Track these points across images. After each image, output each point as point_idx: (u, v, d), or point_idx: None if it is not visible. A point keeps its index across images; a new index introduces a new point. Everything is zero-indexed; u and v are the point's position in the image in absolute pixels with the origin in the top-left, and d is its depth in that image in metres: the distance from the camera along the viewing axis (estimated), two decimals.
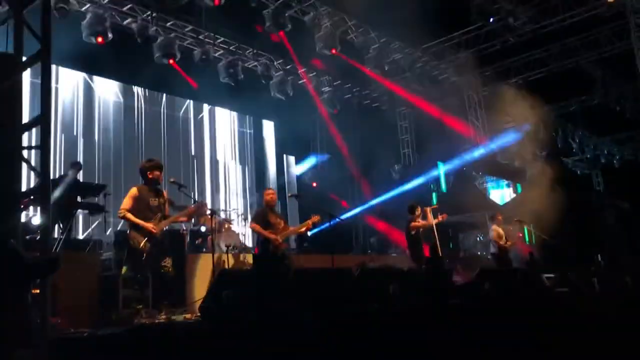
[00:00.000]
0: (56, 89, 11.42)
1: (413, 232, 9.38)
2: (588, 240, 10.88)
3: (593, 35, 14.85)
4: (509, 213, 12.34)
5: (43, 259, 4.78)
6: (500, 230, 11.18)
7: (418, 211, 9.52)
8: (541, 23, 13.96)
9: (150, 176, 6.43)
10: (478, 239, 14.61)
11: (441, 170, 16.46)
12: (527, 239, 13.06)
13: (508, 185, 18.18)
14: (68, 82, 11.88)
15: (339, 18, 13.18)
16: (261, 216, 7.79)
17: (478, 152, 15.99)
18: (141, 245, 6.04)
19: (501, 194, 17.98)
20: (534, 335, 5.82)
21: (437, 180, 16.25)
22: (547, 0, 13.64)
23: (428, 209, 9.69)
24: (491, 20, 12.82)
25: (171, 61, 11.85)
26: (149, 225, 6.12)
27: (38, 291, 4.70)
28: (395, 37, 14.52)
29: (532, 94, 14.23)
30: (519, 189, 17.94)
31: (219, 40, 13.07)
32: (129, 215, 6.14)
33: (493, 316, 5.93)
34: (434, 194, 15.81)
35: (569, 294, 7.85)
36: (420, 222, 9.44)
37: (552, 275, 8.43)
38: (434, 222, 9.50)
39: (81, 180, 9.33)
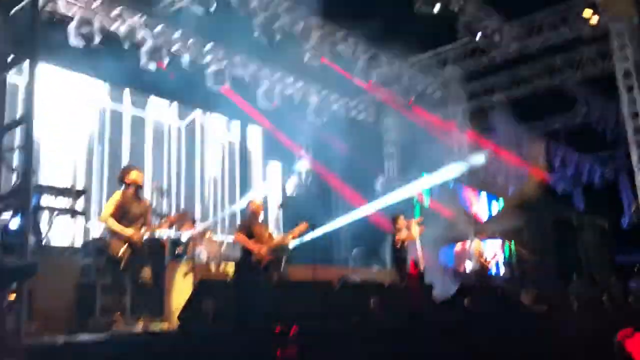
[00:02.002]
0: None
1: (398, 246, 9.35)
2: (567, 258, 11.00)
3: (577, 55, 15.08)
4: (491, 229, 12.44)
5: (20, 263, 4.71)
6: (481, 246, 11.24)
7: (400, 222, 9.46)
8: (527, 41, 14.15)
9: (127, 181, 6.35)
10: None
11: (425, 183, 16.52)
12: (507, 255, 13.15)
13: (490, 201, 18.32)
14: (51, 82, 11.73)
15: (328, 29, 13.24)
16: (246, 226, 7.73)
17: (462, 166, 16.10)
18: (120, 252, 5.97)
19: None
20: (513, 352, 5.85)
21: (420, 193, 16.29)
22: (533, 19, 13.85)
23: (412, 222, 9.66)
24: (478, 36, 12.95)
25: (160, 64, 11.79)
26: (130, 232, 6.04)
27: (14, 297, 4.63)
28: (383, 50, 14.63)
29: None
30: (501, 205, 18.08)
31: (207, 47, 13.05)
32: (110, 222, 6.07)
33: (472, 332, 5.95)
34: (417, 207, 15.86)
35: (546, 312, 7.91)
36: (404, 235, 9.40)
37: (530, 292, 8.49)
38: (418, 235, 9.49)
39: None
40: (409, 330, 5.66)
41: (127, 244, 6.03)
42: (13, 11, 5.43)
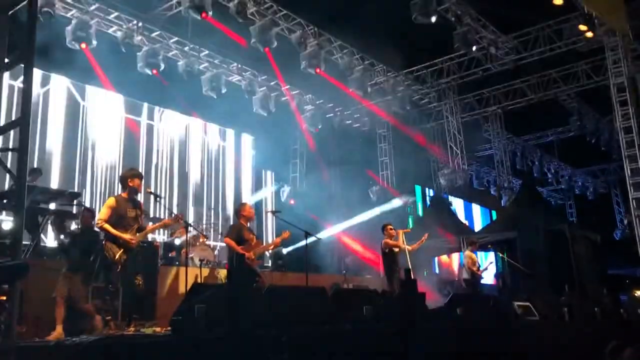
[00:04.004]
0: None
1: (386, 250, 9.31)
2: (559, 269, 11.03)
3: (571, 68, 15.22)
4: (484, 239, 12.46)
5: (10, 264, 4.68)
6: (474, 257, 11.25)
7: (389, 230, 9.42)
8: (522, 54, 14.26)
9: (130, 184, 6.33)
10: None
11: (418, 193, 16.57)
12: (499, 266, 13.19)
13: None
14: (46, 86, 11.73)
15: (324, 38, 13.32)
16: (236, 231, 7.71)
17: (455, 178, 16.16)
18: (117, 256, 5.92)
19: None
20: None
21: (414, 203, 16.34)
22: (529, 32, 13.97)
23: (400, 232, 9.63)
24: (474, 49, 13.04)
25: (154, 71, 11.86)
26: (128, 237, 6.00)
27: (5, 298, 4.60)
28: (379, 60, 14.71)
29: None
30: (494, 216, 18.14)
31: (203, 53, 13.09)
32: (107, 227, 6.02)
33: (464, 342, 5.95)
34: (410, 217, 15.90)
35: (538, 323, 7.91)
36: (392, 241, 9.34)
37: (523, 303, 8.48)
38: (406, 245, 9.44)
39: (55, 186, 9.20)
40: (401, 338, 5.65)
41: (123, 249, 5.99)
42: (10, 12, 5.43)
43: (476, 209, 19.06)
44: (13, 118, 5.35)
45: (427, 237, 9.74)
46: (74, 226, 7.94)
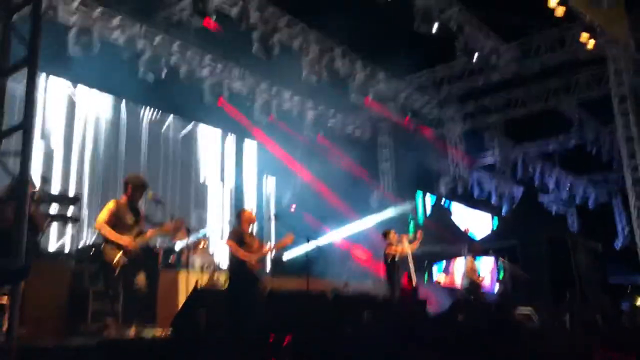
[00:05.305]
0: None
1: (389, 260, 9.35)
2: (561, 277, 11.03)
3: (573, 78, 15.21)
4: (485, 246, 12.45)
5: (12, 266, 4.68)
6: (474, 264, 11.24)
7: (392, 236, 9.44)
8: (523, 63, 14.27)
9: (132, 190, 6.33)
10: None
11: (419, 200, 16.57)
12: (501, 273, 13.17)
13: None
14: (50, 91, 11.75)
15: (326, 44, 13.35)
16: (237, 235, 7.71)
17: (456, 185, 16.18)
18: (115, 260, 5.91)
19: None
20: None
21: (415, 209, 16.33)
22: (530, 41, 13.99)
23: (404, 236, 9.66)
24: (475, 56, 13.06)
25: (157, 76, 11.90)
26: (125, 241, 5.99)
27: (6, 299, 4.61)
28: (381, 67, 14.74)
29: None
30: (496, 223, 18.15)
31: (206, 59, 13.11)
32: (105, 229, 6.02)
33: (465, 348, 5.93)
34: (411, 223, 15.88)
35: (540, 330, 7.91)
36: (395, 248, 9.38)
37: (524, 310, 8.48)
38: (409, 249, 9.48)
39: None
40: (402, 344, 5.64)
41: (122, 252, 5.99)
42: (14, 17, 5.45)
43: (479, 215, 19.03)
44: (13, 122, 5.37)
45: (422, 234, 9.79)
46: None
